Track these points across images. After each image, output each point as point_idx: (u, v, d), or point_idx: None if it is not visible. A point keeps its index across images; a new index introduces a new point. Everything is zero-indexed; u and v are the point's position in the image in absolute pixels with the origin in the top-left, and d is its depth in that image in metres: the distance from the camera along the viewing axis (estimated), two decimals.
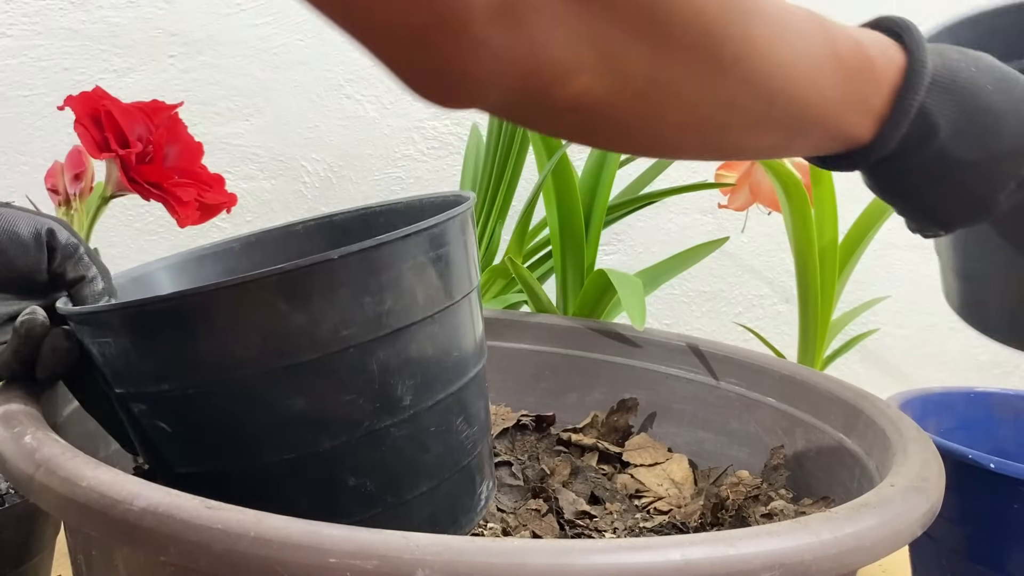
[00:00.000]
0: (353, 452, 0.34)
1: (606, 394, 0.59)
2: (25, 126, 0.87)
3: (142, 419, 0.35)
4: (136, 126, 0.55)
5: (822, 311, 0.64)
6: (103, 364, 0.35)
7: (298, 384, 0.33)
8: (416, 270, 0.35)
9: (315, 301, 0.32)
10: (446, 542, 0.25)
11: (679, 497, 0.51)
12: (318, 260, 0.32)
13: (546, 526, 0.46)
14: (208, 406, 0.33)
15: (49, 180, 0.58)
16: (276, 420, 0.33)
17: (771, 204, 0.69)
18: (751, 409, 0.53)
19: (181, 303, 0.32)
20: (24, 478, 0.30)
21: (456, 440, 0.38)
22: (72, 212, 0.57)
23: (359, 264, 0.33)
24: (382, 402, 0.34)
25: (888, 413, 0.43)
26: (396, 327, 0.34)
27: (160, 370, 0.33)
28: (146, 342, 0.33)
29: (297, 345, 0.32)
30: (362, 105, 0.93)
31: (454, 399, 0.37)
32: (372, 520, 0.35)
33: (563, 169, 0.61)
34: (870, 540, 0.29)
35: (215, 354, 0.32)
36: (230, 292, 0.32)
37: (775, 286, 1.00)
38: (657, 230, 0.98)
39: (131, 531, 0.27)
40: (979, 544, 0.52)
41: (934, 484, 0.34)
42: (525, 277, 0.65)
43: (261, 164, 0.92)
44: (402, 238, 0.34)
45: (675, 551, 0.26)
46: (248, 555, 0.25)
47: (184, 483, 0.36)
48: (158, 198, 0.56)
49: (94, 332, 0.35)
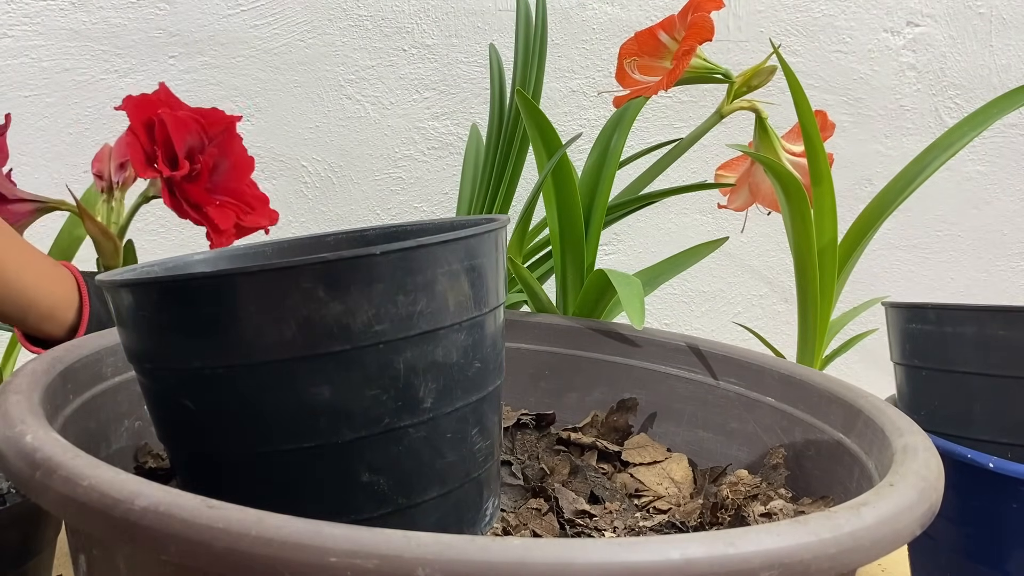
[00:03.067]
0: (371, 447, 0.35)
1: (606, 394, 0.59)
2: (26, 126, 0.87)
3: (167, 395, 0.36)
4: (188, 138, 0.55)
5: (821, 311, 0.64)
6: (136, 337, 0.36)
7: (326, 373, 0.34)
8: (450, 276, 0.36)
9: (353, 293, 0.33)
10: (446, 541, 0.25)
11: (678, 496, 0.51)
12: (361, 254, 0.33)
13: (546, 525, 0.46)
14: (236, 387, 0.34)
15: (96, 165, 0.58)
16: (300, 407, 0.34)
17: (770, 204, 0.69)
18: (750, 409, 0.53)
19: (224, 281, 0.33)
20: (25, 478, 0.30)
21: (470, 450, 0.38)
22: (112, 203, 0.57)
23: (398, 262, 0.34)
24: (404, 401, 0.35)
25: (887, 412, 0.43)
26: (426, 329, 0.35)
27: (194, 347, 0.34)
28: (183, 318, 0.34)
29: (330, 335, 0.33)
30: (362, 105, 0.93)
31: (471, 409, 0.38)
32: (381, 519, 0.36)
33: (563, 169, 0.61)
34: (869, 539, 0.29)
35: (250, 335, 0.33)
36: (273, 275, 0.33)
37: (774, 286, 1.00)
38: (657, 230, 0.98)
39: (132, 530, 0.27)
40: (978, 544, 0.52)
41: (933, 484, 0.34)
42: (525, 277, 0.65)
43: (262, 164, 0.92)
44: (441, 243, 0.35)
45: (675, 550, 0.26)
46: (249, 554, 0.25)
47: (200, 464, 0.37)
48: (195, 220, 0.56)
49: (133, 303, 0.35)
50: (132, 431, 0.48)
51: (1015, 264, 1.02)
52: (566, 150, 0.61)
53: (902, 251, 1.01)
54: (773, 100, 0.67)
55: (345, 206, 0.94)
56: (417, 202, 0.95)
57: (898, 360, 0.61)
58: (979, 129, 0.64)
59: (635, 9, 0.95)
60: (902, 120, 0.98)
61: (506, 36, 0.93)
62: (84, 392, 0.45)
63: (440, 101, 0.94)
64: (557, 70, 0.94)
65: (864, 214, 0.66)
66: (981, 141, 0.98)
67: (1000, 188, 1.00)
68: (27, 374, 0.40)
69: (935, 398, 0.58)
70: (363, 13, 0.92)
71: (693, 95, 0.96)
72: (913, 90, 0.98)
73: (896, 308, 0.61)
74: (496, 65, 0.75)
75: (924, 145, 0.66)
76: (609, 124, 0.66)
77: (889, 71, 0.97)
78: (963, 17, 0.97)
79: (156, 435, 0.39)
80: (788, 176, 0.60)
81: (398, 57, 0.93)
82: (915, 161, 0.65)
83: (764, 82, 0.67)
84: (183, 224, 0.92)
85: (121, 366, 0.48)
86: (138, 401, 0.48)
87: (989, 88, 0.97)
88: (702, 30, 0.61)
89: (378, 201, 0.95)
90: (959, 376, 0.56)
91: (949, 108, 0.98)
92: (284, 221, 0.93)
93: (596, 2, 0.94)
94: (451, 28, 0.93)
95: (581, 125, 0.95)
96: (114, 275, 0.37)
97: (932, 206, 1.00)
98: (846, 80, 0.97)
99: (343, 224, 0.95)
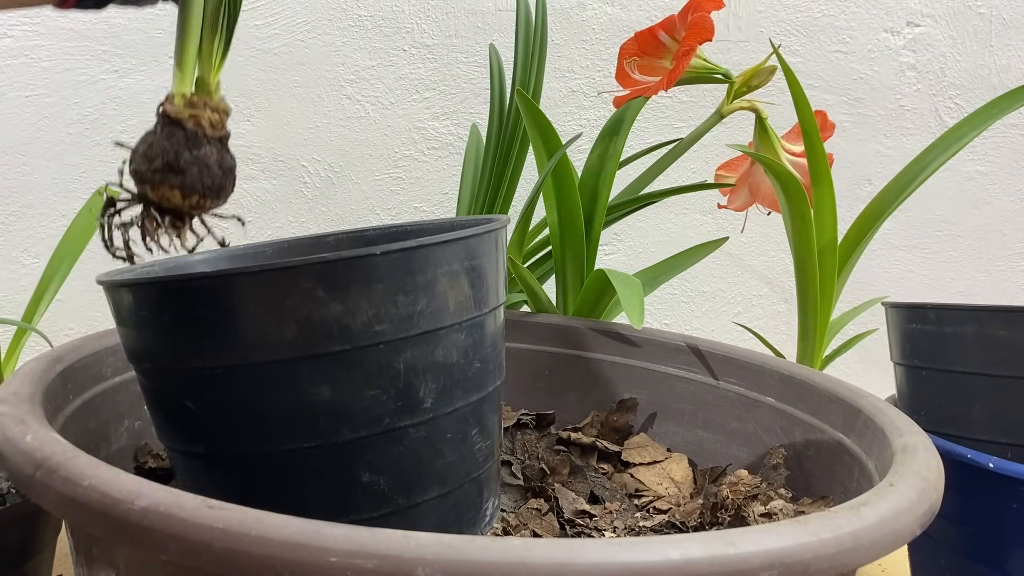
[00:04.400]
0: (371, 447, 0.35)
1: (606, 394, 0.59)
2: (26, 126, 0.87)
3: (167, 395, 0.36)
4: None
5: (821, 311, 0.64)
6: (136, 337, 0.36)
7: (326, 374, 0.34)
8: (450, 277, 0.36)
9: (353, 293, 0.33)
10: (446, 541, 0.25)
11: (678, 496, 0.51)
12: (361, 254, 0.33)
13: (546, 525, 0.46)
14: (236, 387, 0.34)
15: None
16: (300, 407, 0.34)
17: (770, 204, 0.69)
18: (750, 409, 0.53)
19: (224, 281, 0.33)
20: (25, 478, 0.30)
21: (469, 450, 0.38)
22: None
23: (398, 262, 0.34)
24: (404, 401, 0.35)
25: (887, 412, 0.43)
26: (426, 329, 0.35)
27: (194, 347, 0.34)
28: (183, 318, 0.34)
29: (330, 334, 0.33)
30: (362, 105, 0.93)
31: (471, 410, 0.38)
32: (381, 519, 0.36)
33: (563, 169, 0.61)
34: (869, 539, 0.29)
35: (250, 335, 0.33)
36: (273, 275, 0.33)
37: (774, 286, 1.00)
38: (657, 230, 0.98)
39: (132, 530, 0.27)
40: (978, 544, 0.52)
41: (933, 484, 0.34)
42: (525, 277, 0.65)
43: (262, 164, 0.92)
44: (441, 243, 0.35)
45: (674, 550, 0.26)
46: (249, 554, 0.25)
47: (199, 464, 0.37)
48: None
49: (133, 303, 0.35)
50: (132, 431, 0.48)
51: (1015, 264, 1.02)
52: (566, 150, 0.61)
53: (902, 251, 1.01)
54: (773, 100, 0.67)
55: (345, 206, 0.94)
56: (417, 202, 0.95)
57: (898, 360, 0.61)
58: (979, 129, 0.64)
59: (635, 9, 0.95)
60: (902, 120, 0.98)
61: (506, 36, 0.93)
62: (84, 392, 0.45)
63: (440, 101, 0.94)
64: (557, 70, 0.94)
65: (864, 214, 0.66)
66: (981, 141, 0.98)
67: (1000, 188, 1.00)
68: (27, 374, 0.40)
69: (935, 398, 0.58)
70: (363, 13, 0.92)
71: (693, 95, 0.96)
72: (913, 90, 0.98)
73: (896, 308, 0.61)
74: (496, 65, 0.75)
75: (924, 145, 0.66)
76: (609, 124, 0.66)
77: (889, 71, 0.97)
78: (963, 17, 0.97)
79: (156, 435, 0.39)
80: (788, 176, 0.60)
81: (398, 57, 0.93)
82: (915, 161, 0.65)
83: (764, 82, 0.67)
84: None
85: (121, 366, 0.48)
86: (138, 401, 0.48)
87: (989, 88, 0.97)
88: (702, 30, 0.61)
89: (378, 201, 0.95)
90: (959, 376, 0.56)
91: (949, 108, 0.98)
92: (284, 221, 0.93)
93: (596, 2, 0.94)
94: (451, 28, 0.93)
95: (581, 125, 0.95)
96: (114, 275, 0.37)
97: (932, 206, 1.00)
98: (846, 80, 0.97)
99: (343, 224, 0.95)
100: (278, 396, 0.34)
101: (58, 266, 0.68)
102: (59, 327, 0.90)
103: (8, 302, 0.89)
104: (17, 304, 0.87)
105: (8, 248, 0.89)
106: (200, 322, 0.33)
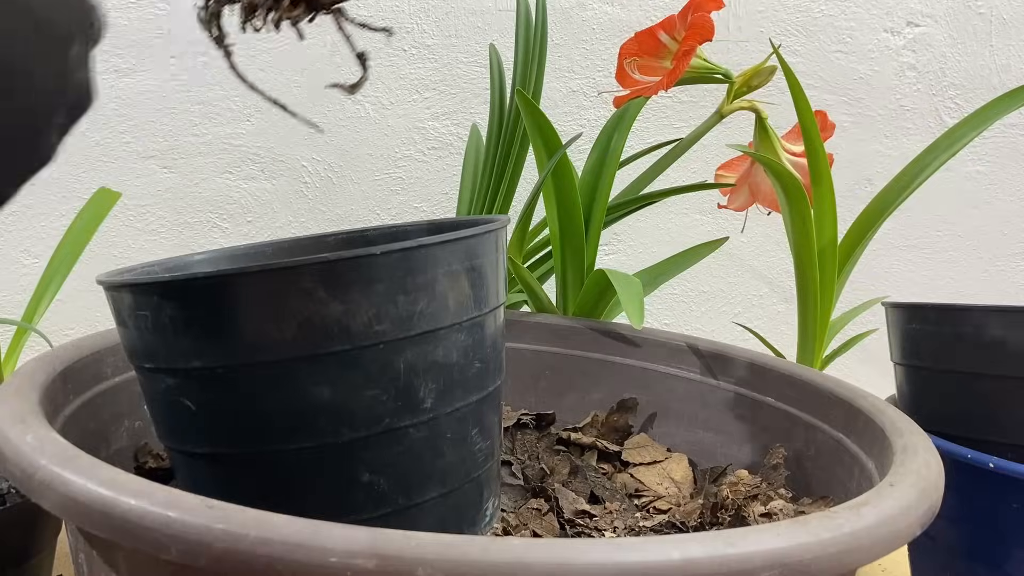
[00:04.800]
0: (371, 448, 0.35)
1: (606, 394, 0.59)
2: None
3: (167, 395, 0.36)
4: None
5: (821, 311, 0.64)
6: (137, 337, 0.36)
7: (326, 373, 0.34)
8: (450, 277, 0.36)
9: (353, 293, 0.33)
10: (447, 541, 0.25)
11: (678, 496, 0.51)
12: (361, 254, 0.33)
13: (546, 525, 0.46)
14: (236, 387, 0.34)
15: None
16: (300, 407, 0.34)
17: (770, 204, 0.69)
18: (750, 409, 0.53)
19: (224, 281, 0.33)
20: (25, 478, 0.30)
21: (470, 451, 0.38)
22: None
23: (399, 262, 0.34)
24: (404, 401, 0.35)
25: (887, 412, 0.43)
26: (426, 329, 0.35)
27: (194, 347, 0.34)
28: (184, 318, 0.34)
29: (330, 334, 0.33)
30: (362, 105, 0.93)
31: (472, 410, 0.38)
32: (381, 520, 0.36)
33: (563, 169, 0.61)
34: (869, 540, 0.29)
35: (251, 335, 0.33)
36: (273, 275, 0.33)
37: (774, 286, 1.00)
38: (657, 230, 0.98)
39: (132, 530, 0.27)
40: (978, 544, 0.52)
41: (933, 484, 0.34)
42: (525, 277, 0.65)
43: (262, 164, 0.92)
44: (441, 243, 0.35)
45: (674, 550, 0.26)
46: (249, 554, 0.25)
47: (199, 464, 0.37)
48: None
49: (133, 303, 0.35)
50: (132, 431, 0.48)
51: (1015, 264, 1.02)
52: (566, 150, 0.61)
53: (902, 251, 1.01)
54: (773, 100, 0.67)
55: (345, 206, 0.94)
56: (417, 202, 0.95)
57: (898, 360, 0.61)
58: (979, 129, 0.64)
59: (635, 9, 0.94)
60: (902, 120, 0.98)
61: (506, 36, 0.93)
62: (84, 392, 0.45)
63: (440, 101, 0.94)
64: (557, 70, 0.94)
65: (864, 214, 0.66)
66: (981, 141, 0.98)
67: (1000, 188, 1.00)
68: (27, 374, 0.40)
69: (935, 398, 0.58)
70: (363, 13, 0.92)
71: (693, 95, 0.96)
72: (913, 90, 0.98)
73: (896, 308, 0.61)
74: (496, 65, 0.75)
75: (924, 145, 0.66)
76: (609, 124, 0.66)
77: (889, 71, 0.97)
78: (963, 17, 0.97)
79: (156, 435, 0.39)
80: (788, 176, 0.60)
81: (398, 57, 0.93)
82: (915, 161, 0.65)
83: (764, 82, 0.67)
84: (183, 224, 0.92)
85: (121, 366, 0.48)
86: (138, 401, 0.48)
87: (989, 88, 0.97)
88: (702, 30, 0.61)
89: (378, 201, 0.95)
90: (959, 376, 0.56)
91: (949, 108, 0.98)
92: (284, 221, 0.93)
93: (596, 2, 0.94)
94: (451, 28, 0.93)
95: (581, 125, 0.95)
96: (114, 275, 0.37)
97: (932, 206, 1.00)
98: (846, 80, 0.97)
99: (343, 224, 0.95)
100: (278, 396, 0.34)
101: (58, 266, 0.68)
102: (59, 327, 0.90)
103: (8, 302, 0.89)
104: (17, 304, 0.87)
105: (8, 248, 0.89)
106: (200, 322, 0.33)
